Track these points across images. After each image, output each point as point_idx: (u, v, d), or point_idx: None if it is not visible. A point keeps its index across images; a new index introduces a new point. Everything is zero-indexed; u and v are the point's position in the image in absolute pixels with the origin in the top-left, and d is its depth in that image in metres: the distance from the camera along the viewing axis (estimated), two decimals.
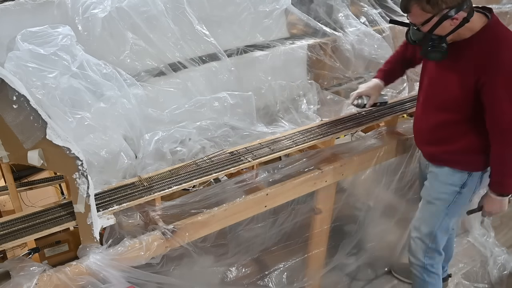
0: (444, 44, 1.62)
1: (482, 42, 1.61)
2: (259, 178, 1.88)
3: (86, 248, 1.43)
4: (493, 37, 1.60)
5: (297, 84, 2.25)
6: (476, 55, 1.61)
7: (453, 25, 1.57)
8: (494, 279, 2.80)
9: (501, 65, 1.56)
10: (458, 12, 1.53)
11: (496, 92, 1.58)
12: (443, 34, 1.60)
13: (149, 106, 1.79)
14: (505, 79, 1.56)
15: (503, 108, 1.59)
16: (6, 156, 1.26)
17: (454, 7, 1.52)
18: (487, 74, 1.58)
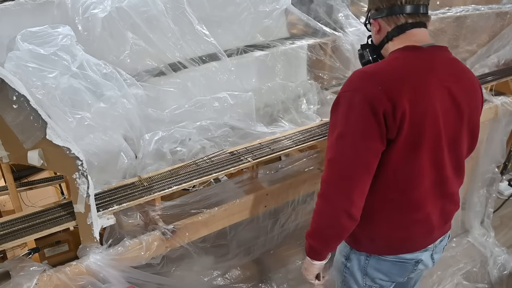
0: (367, 51, 1.45)
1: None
2: (259, 178, 1.88)
3: (86, 248, 1.43)
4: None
5: (297, 84, 2.25)
6: None
7: (377, 34, 1.39)
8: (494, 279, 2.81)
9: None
10: (377, 18, 1.36)
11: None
12: (375, 43, 1.43)
13: (149, 106, 1.79)
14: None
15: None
16: (6, 156, 1.26)
17: (374, 9, 1.37)
18: None
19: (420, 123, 1.26)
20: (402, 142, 1.26)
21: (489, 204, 3.05)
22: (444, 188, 1.42)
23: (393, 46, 1.35)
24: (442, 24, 2.56)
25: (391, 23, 1.34)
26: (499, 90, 2.73)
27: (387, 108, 1.21)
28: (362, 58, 1.49)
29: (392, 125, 1.23)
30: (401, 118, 1.23)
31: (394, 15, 1.32)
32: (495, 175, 2.96)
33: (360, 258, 1.51)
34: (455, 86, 1.32)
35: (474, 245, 3.02)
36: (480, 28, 2.74)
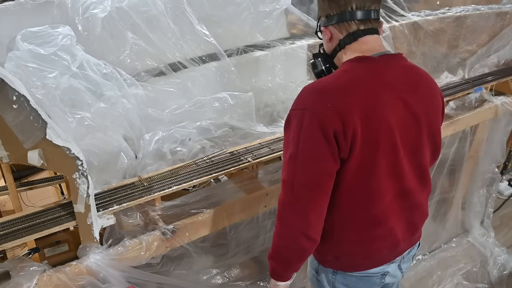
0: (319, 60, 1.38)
1: None
2: (259, 178, 1.88)
3: (86, 248, 1.44)
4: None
5: (297, 84, 2.24)
6: None
7: (329, 42, 1.32)
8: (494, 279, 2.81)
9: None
10: (327, 25, 1.29)
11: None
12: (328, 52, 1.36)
13: (149, 106, 1.79)
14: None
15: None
16: (6, 156, 1.26)
17: (323, 17, 1.30)
18: None
19: (373, 140, 1.21)
20: (356, 160, 1.21)
21: (489, 204, 3.06)
22: (409, 200, 1.37)
23: (345, 54, 1.29)
24: (442, 24, 2.56)
25: (343, 30, 1.27)
26: (499, 90, 2.73)
27: (337, 128, 1.16)
28: (315, 68, 1.41)
29: (344, 144, 1.18)
30: (352, 137, 1.18)
31: (345, 22, 1.26)
32: (495, 175, 2.96)
33: (328, 273, 1.48)
34: (411, 96, 1.26)
35: (474, 245, 3.03)
36: (480, 28, 2.74)
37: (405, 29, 2.39)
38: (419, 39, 2.48)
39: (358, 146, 1.19)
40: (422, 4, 2.70)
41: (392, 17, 2.47)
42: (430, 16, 2.50)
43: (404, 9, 2.44)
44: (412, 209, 1.41)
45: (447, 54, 2.69)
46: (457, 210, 2.98)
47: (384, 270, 1.44)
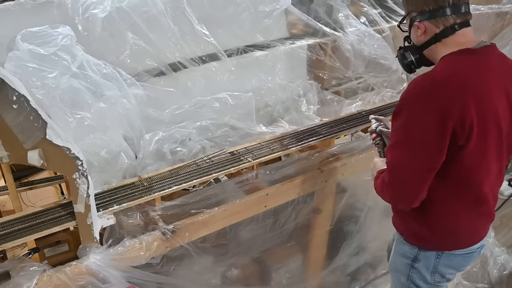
0: (409, 52, 1.44)
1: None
2: (259, 178, 1.88)
3: (86, 248, 1.43)
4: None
5: (297, 84, 2.25)
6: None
7: (422, 35, 1.37)
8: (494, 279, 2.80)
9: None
10: (422, 21, 1.34)
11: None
12: (417, 44, 1.42)
13: (149, 106, 1.79)
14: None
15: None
16: (6, 156, 1.26)
17: (417, 12, 1.35)
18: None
19: (486, 126, 1.29)
20: (472, 146, 1.29)
21: None
22: (499, 180, 1.49)
23: (443, 47, 1.34)
24: None
25: (440, 25, 1.33)
26: None
27: (456, 117, 1.23)
28: (404, 59, 1.46)
29: (461, 133, 1.25)
30: (470, 125, 1.25)
31: (442, 17, 1.31)
32: None
33: (430, 258, 1.53)
34: (509, 84, 1.35)
35: None
36: (480, 28, 2.74)
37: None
38: None
39: (474, 133, 1.26)
40: None
41: (392, 17, 2.47)
42: None
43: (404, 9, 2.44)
44: (498, 190, 1.52)
45: None
46: None
47: (482, 243, 1.54)
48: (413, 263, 1.57)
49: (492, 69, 1.32)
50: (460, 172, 1.34)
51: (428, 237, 1.50)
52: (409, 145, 1.29)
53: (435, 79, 1.28)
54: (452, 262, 1.53)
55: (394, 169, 1.35)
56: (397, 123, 1.33)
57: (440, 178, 1.34)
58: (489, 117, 1.29)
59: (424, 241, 1.52)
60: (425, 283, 1.59)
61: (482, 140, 1.29)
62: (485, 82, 1.29)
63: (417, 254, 1.55)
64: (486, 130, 1.29)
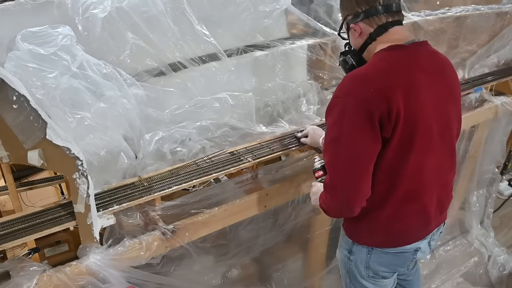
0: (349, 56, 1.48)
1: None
2: (259, 178, 1.88)
3: (86, 248, 1.43)
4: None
5: (297, 84, 2.24)
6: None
7: (358, 37, 1.42)
8: (494, 279, 2.81)
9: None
10: (357, 22, 1.39)
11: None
12: (356, 48, 1.47)
13: (149, 106, 1.79)
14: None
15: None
16: (6, 156, 1.26)
17: (352, 14, 1.41)
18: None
19: (413, 119, 1.31)
20: (397, 139, 1.31)
21: (489, 204, 3.06)
22: (439, 178, 1.48)
23: (377, 45, 1.39)
24: (442, 24, 2.56)
25: (373, 24, 1.38)
26: (499, 90, 2.73)
27: (382, 110, 1.26)
28: (346, 64, 1.51)
29: (388, 125, 1.28)
30: (396, 117, 1.27)
31: (375, 16, 1.37)
32: (495, 175, 2.96)
33: (362, 252, 1.56)
34: (439, 78, 1.39)
35: (474, 245, 3.02)
36: (480, 28, 2.74)
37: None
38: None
39: (400, 126, 1.29)
40: (422, 4, 2.70)
41: None
42: (430, 16, 2.50)
43: (404, 9, 2.44)
44: (442, 188, 1.51)
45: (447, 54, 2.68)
46: (457, 210, 2.98)
47: (417, 246, 1.54)
48: (349, 255, 1.61)
49: (421, 64, 1.36)
50: (386, 166, 1.36)
51: (358, 232, 1.54)
52: (342, 140, 1.31)
53: (360, 74, 1.33)
54: (382, 259, 1.54)
55: (333, 168, 1.36)
56: (328, 122, 1.36)
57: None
58: (417, 111, 1.31)
59: (355, 235, 1.56)
60: (361, 277, 1.62)
61: (409, 133, 1.32)
62: (413, 75, 1.33)
63: (351, 247, 1.59)
64: (414, 123, 1.31)
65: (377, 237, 1.51)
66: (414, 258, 1.58)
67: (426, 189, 1.44)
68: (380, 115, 1.26)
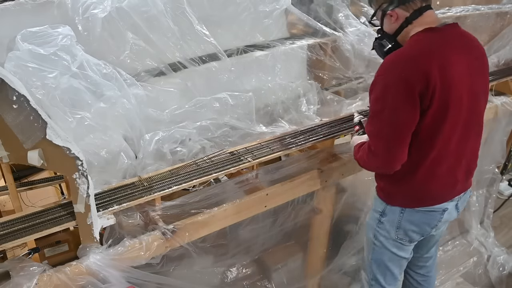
0: (385, 41, 1.62)
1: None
2: (259, 178, 1.88)
3: (86, 248, 1.43)
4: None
5: (297, 84, 2.25)
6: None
7: (394, 22, 1.56)
8: (494, 279, 2.80)
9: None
10: (393, 9, 1.53)
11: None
12: (391, 33, 1.60)
13: (149, 106, 1.79)
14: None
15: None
16: (6, 156, 1.26)
17: (387, 2, 1.54)
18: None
19: (447, 93, 1.45)
20: (434, 109, 1.45)
21: (489, 204, 3.05)
22: (467, 146, 1.62)
23: (412, 29, 1.52)
24: None
25: (409, 9, 1.52)
26: (499, 90, 2.73)
27: (422, 85, 1.41)
28: (382, 47, 1.63)
29: (426, 98, 1.43)
30: (432, 91, 1.42)
31: (411, 1, 1.50)
32: (495, 175, 2.96)
33: (395, 213, 1.70)
34: (470, 56, 1.53)
35: (474, 246, 3.02)
36: (480, 28, 2.74)
37: None
38: None
39: (436, 98, 1.43)
40: None
41: None
42: None
43: None
44: (469, 155, 1.65)
45: None
46: None
47: (445, 206, 1.67)
48: (380, 217, 1.75)
49: (453, 44, 1.50)
50: (423, 134, 1.49)
51: (392, 194, 1.69)
52: (385, 112, 1.46)
53: (401, 54, 1.48)
54: (413, 217, 1.68)
55: (376, 137, 1.52)
56: (372, 97, 1.51)
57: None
58: (451, 86, 1.45)
59: (389, 197, 1.70)
60: (389, 238, 1.76)
61: (442, 105, 1.46)
62: (447, 54, 1.46)
63: (384, 208, 1.73)
64: (447, 96, 1.45)
65: (411, 198, 1.65)
66: (441, 217, 1.69)
67: (454, 154, 1.58)
68: (420, 89, 1.40)
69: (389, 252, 1.79)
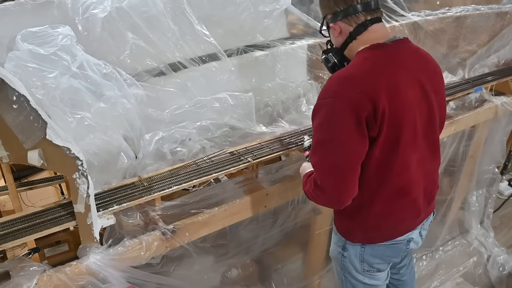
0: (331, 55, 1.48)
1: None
2: (259, 178, 1.88)
3: (86, 248, 1.43)
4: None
5: (297, 84, 2.24)
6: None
7: (338, 36, 1.43)
8: (494, 279, 2.81)
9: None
10: (335, 21, 1.40)
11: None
12: (338, 46, 1.47)
13: (149, 106, 1.79)
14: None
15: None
16: (6, 156, 1.26)
17: (331, 14, 1.41)
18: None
19: (398, 117, 1.32)
20: (384, 137, 1.32)
21: (489, 205, 3.06)
22: (425, 171, 1.50)
23: (358, 44, 1.39)
24: (442, 24, 2.56)
25: (352, 23, 1.38)
26: (499, 90, 2.73)
27: (368, 110, 1.27)
28: (328, 62, 1.51)
29: (374, 124, 1.29)
30: (381, 117, 1.28)
31: (353, 15, 1.37)
32: (495, 175, 2.96)
33: (356, 248, 1.58)
34: (422, 75, 1.39)
35: (474, 246, 3.03)
36: (480, 28, 2.74)
37: (405, 29, 2.39)
38: (419, 39, 2.48)
39: (386, 125, 1.30)
40: (422, 4, 2.70)
41: (392, 17, 2.47)
42: (430, 16, 2.50)
43: (404, 9, 2.45)
44: (428, 179, 1.54)
45: (447, 54, 2.69)
46: (457, 210, 2.98)
47: (409, 237, 1.58)
48: (343, 252, 1.62)
49: (404, 62, 1.37)
50: (374, 165, 1.37)
51: (350, 231, 1.57)
52: (330, 141, 1.31)
53: (345, 75, 1.33)
54: (376, 252, 1.57)
55: (321, 170, 1.36)
56: (315, 124, 1.36)
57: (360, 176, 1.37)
58: (401, 108, 1.33)
59: (347, 233, 1.58)
60: (356, 271, 1.64)
61: (394, 131, 1.33)
62: (396, 74, 1.33)
63: (345, 243, 1.61)
64: (398, 121, 1.33)
65: (370, 234, 1.54)
66: (407, 248, 1.61)
67: (413, 183, 1.47)
68: (366, 115, 1.27)
69: (362, 284, 1.66)
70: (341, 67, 1.47)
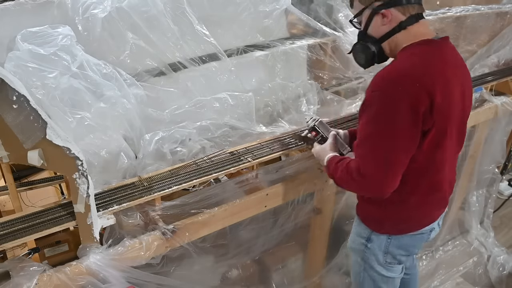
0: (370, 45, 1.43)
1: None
2: (259, 178, 1.88)
3: (86, 248, 1.43)
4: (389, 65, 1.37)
5: (297, 84, 2.24)
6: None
7: (386, 24, 1.37)
8: (494, 279, 2.81)
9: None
10: (389, 8, 1.35)
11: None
12: (377, 37, 1.42)
13: (149, 106, 1.79)
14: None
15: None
16: (6, 156, 1.26)
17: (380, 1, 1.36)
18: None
19: (447, 113, 1.36)
20: (434, 132, 1.35)
21: (489, 205, 3.06)
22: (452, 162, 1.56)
23: (405, 36, 1.37)
24: (442, 24, 2.56)
25: (406, 12, 1.36)
26: (499, 90, 2.73)
27: (426, 105, 1.28)
28: (367, 50, 1.45)
29: (429, 119, 1.31)
30: (436, 112, 1.31)
31: (409, 4, 1.35)
32: (495, 175, 2.96)
33: (382, 239, 1.60)
34: (460, 74, 1.43)
35: (474, 246, 3.02)
36: (480, 28, 2.74)
37: None
38: None
39: (438, 120, 1.33)
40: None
41: None
42: (430, 16, 2.50)
43: None
44: (452, 171, 1.59)
45: None
46: (457, 210, 2.98)
47: (432, 226, 1.61)
48: (367, 243, 1.63)
49: (449, 61, 1.39)
50: (420, 159, 1.38)
51: (380, 222, 1.58)
52: (384, 134, 1.31)
53: (402, 70, 1.32)
54: (401, 243, 1.59)
55: (371, 161, 1.34)
56: (367, 117, 1.34)
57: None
58: (450, 104, 1.35)
59: (376, 223, 1.59)
60: (378, 263, 1.65)
61: (442, 127, 1.36)
62: (445, 70, 1.35)
63: (370, 234, 1.61)
64: (447, 117, 1.36)
65: (401, 225, 1.56)
66: (428, 237, 1.64)
67: (445, 178, 1.51)
68: (424, 109, 1.28)
69: (380, 276, 1.68)
70: (380, 58, 1.46)
